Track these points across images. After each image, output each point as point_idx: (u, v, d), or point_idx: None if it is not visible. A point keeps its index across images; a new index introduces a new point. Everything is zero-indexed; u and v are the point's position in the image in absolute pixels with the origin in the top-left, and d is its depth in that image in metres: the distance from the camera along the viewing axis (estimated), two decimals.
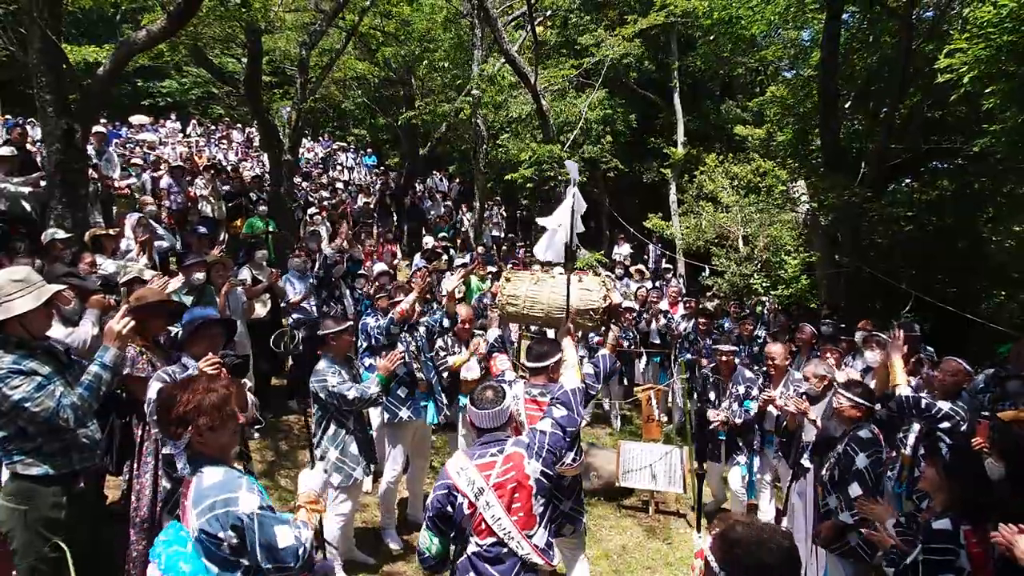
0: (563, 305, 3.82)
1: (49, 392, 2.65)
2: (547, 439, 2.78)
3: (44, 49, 5.61)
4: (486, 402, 2.79)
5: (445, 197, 17.36)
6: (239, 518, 1.97)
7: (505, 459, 2.70)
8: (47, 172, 6.05)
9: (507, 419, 2.83)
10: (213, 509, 1.97)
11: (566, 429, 2.84)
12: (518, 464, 2.69)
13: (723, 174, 15.10)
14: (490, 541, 2.65)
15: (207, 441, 2.11)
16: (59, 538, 2.77)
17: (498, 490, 2.66)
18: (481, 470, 2.68)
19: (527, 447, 2.74)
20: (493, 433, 2.79)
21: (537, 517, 2.70)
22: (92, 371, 2.78)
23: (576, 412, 2.92)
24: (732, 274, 13.51)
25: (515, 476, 2.66)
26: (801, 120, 12.26)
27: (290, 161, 10.40)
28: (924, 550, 2.73)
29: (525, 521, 2.66)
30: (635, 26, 14.60)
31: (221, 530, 1.95)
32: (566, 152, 13.43)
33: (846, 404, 3.81)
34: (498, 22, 12.80)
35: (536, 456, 2.72)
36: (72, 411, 2.68)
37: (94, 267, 5.14)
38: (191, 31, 8.88)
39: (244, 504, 2.00)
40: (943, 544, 2.69)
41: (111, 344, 2.84)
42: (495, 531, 2.63)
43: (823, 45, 10.49)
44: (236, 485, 2.04)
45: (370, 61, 13.67)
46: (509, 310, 4.06)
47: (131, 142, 14.62)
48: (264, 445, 5.99)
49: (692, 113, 18.68)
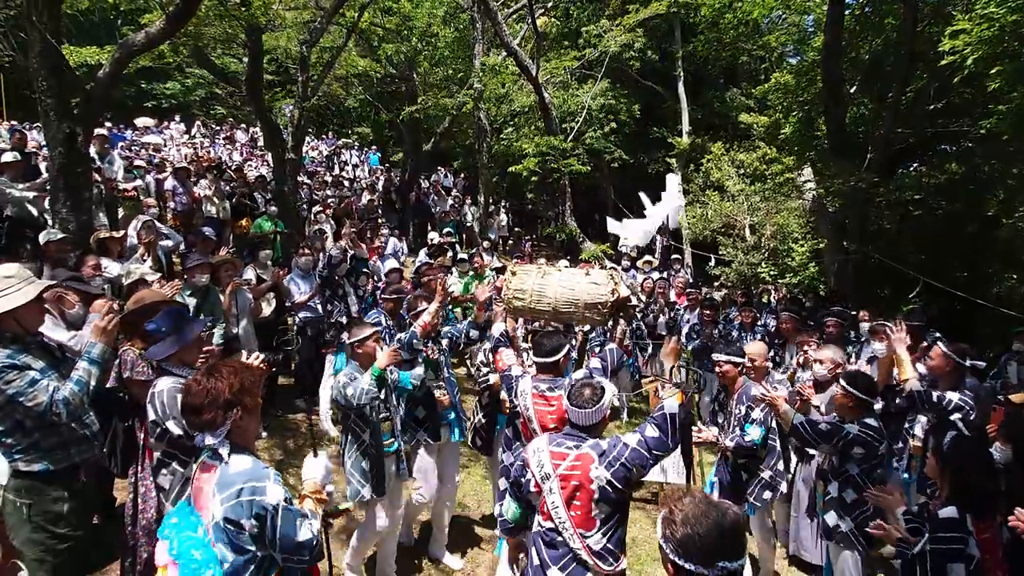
0: (570, 299, 3.74)
1: (43, 387, 2.70)
2: (627, 452, 2.68)
3: (44, 52, 5.63)
4: (584, 400, 2.77)
5: (449, 192, 17.35)
6: (264, 507, 2.01)
7: (577, 456, 2.71)
8: (50, 176, 6.08)
9: (600, 420, 2.80)
10: (240, 496, 2.00)
11: (653, 452, 2.70)
12: (586, 465, 2.67)
13: (729, 162, 15.01)
14: (549, 525, 2.72)
15: (244, 425, 2.15)
16: (62, 531, 2.83)
17: (562, 481, 2.69)
18: (552, 457, 2.73)
19: (601, 453, 2.70)
20: (581, 431, 2.78)
21: (597, 521, 2.67)
22: (82, 366, 2.84)
23: (670, 439, 2.74)
24: (739, 263, 13.45)
25: (580, 475, 2.66)
26: (806, 106, 12.14)
27: (294, 160, 10.42)
28: (932, 539, 2.71)
29: (582, 520, 2.66)
30: (637, 15, 14.53)
31: (245, 517, 1.98)
32: (569, 144, 13.40)
33: (840, 395, 3.75)
34: (498, 15, 12.75)
35: (607, 464, 2.65)
36: (64, 406, 2.73)
37: (98, 270, 5.18)
38: (191, 31, 8.90)
39: (271, 495, 2.03)
40: (950, 532, 2.67)
41: (98, 340, 2.89)
42: (552, 518, 2.69)
43: (826, 29, 10.37)
44: (265, 475, 2.08)
45: (372, 58, 13.64)
46: (515, 304, 3.93)
47: (136, 144, 14.70)
48: (272, 443, 6.03)
49: (696, 102, 18.57)
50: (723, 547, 1.61)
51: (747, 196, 14.06)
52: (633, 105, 17.63)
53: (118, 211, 8.48)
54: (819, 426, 3.65)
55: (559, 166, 13.32)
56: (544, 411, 3.46)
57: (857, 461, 3.62)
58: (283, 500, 2.05)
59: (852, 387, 3.67)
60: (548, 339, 3.61)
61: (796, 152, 12.82)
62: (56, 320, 3.64)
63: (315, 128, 21.87)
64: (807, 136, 12.18)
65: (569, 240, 14.39)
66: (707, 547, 1.60)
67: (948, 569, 2.62)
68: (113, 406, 3.25)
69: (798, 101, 12.26)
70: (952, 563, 2.63)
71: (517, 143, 15.05)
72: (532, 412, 3.49)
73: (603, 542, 2.66)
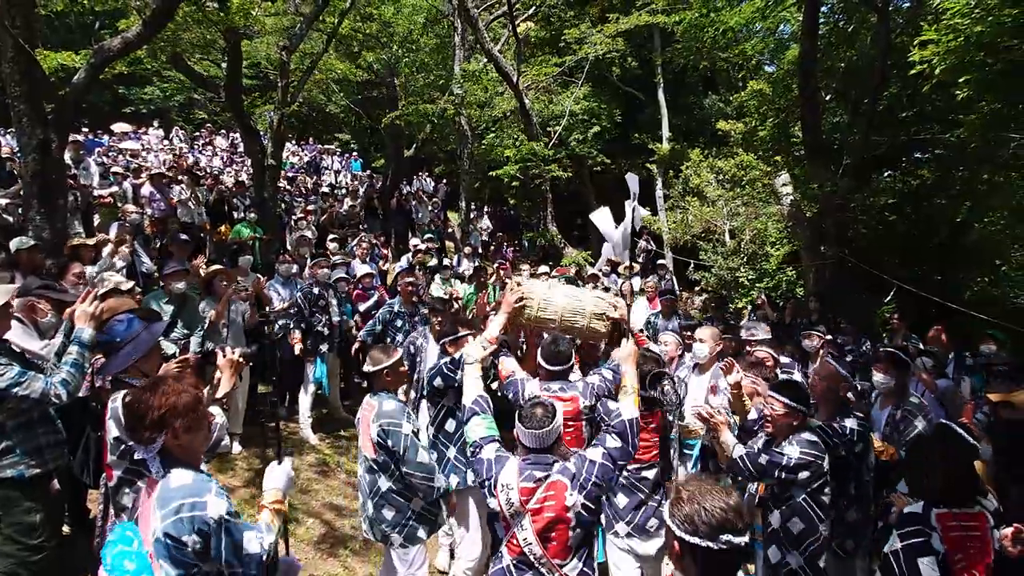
0: (577, 309, 3.65)
1: (33, 375, 2.69)
2: (596, 470, 2.58)
3: (17, 58, 5.56)
4: (535, 420, 2.65)
5: (431, 198, 17.34)
6: (206, 522, 1.95)
7: (547, 487, 2.57)
8: (24, 183, 6.00)
9: (556, 439, 2.68)
10: (179, 512, 1.95)
11: (617, 463, 2.66)
12: (559, 495, 2.54)
13: (708, 169, 15.19)
14: (518, 558, 2.59)
15: (183, 443, 2.10)
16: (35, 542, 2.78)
17: (534, 515, 2.55)
18: (522, 494, 2.58)
19: (572, 477, 2.57)
20: (541, 455, 2.65)
21: (573, 549, 2.57)
22: (74, 350, 2.86)
23: (631, 445, 2.71)
24: (719, 268, 13.60)
25: (554, 507, 2.53)
26: (782, 113, 12.33)
27: (274, 166, 10.35)
28: (899, 536, 2.75)
29: (558, 551, 2.55)
30: (617, 24, 14.68)
31: (186, 533, 1.94)
32: (550, 150, 13.48)
33: (771, 409, 3.37)
34: (479, 21, 12.80)
35: (580, 488, 2.55)
36: (63, 387, 2.76)
37: (82, 279, 5.07)
38: (169, 36, 8.81)
39: (212, 509, 1.98)
40: (913, 527, 2.72)
41: (85, 325, 2.88)
42: (524, 552, 2.56)
43: (802, 39, 10.55)
44: (205, 489, 2.02)
45: (352, 64, 13.61)
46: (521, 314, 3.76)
47: (113, 150, 14.49)
48: (250, 453, 5.98)
49: (676, 108, 18.75)
50: (728, 521, 1.64)
51: (727, 201, 14.23)
52: (614, 111, 17.78)
53: (94, 218, 8.37)
54: (759, 460, 3.29)
55: (540, 171, 13.39)
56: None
57: (802, 485, 3.25)
58: (225, 513, 2.00)
59: (780, 395, 3.33)
60: (555, 345, 3.54)
61: (772, 158, 13.01)
62: (28, 329, 3.59)
63: (296, 134, 21.73)
64: (783, 142, 12.37)
65: (550, 245, 14.44)
66: (712, 520, 1.64)
67: (919, 564, 2.64)
68: (85, 416, 3.21)
69: (774, 108, 12.44)
70: (921, 557, 2.65)
71: (498, 148, 15.10)
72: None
73: (579, 567, 2.59)
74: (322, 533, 5.02)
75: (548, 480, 2.58)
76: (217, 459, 5.50)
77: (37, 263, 5.16)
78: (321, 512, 5.31)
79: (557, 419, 2.67)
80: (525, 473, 2.62)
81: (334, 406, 7.23)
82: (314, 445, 6.48)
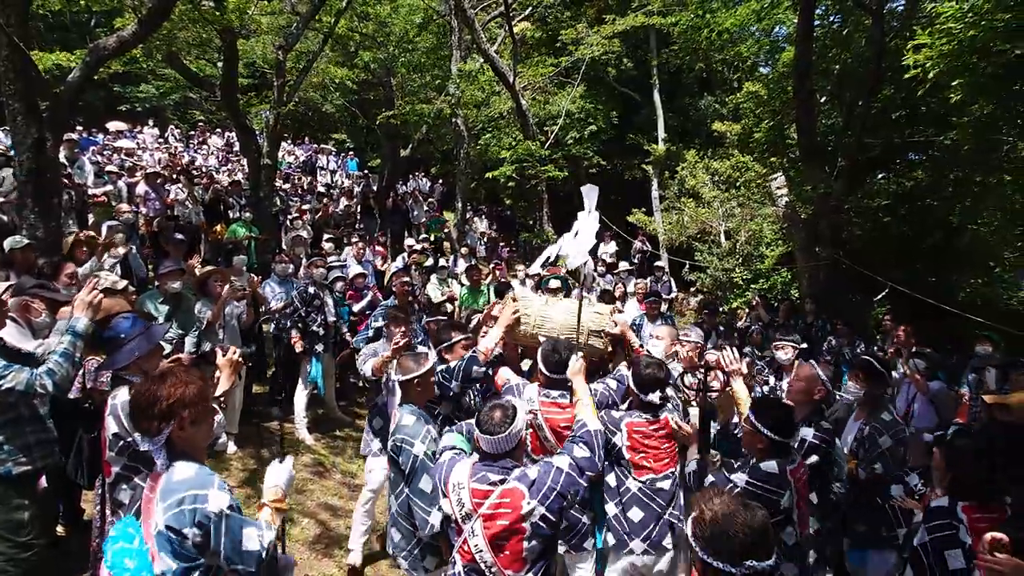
0: (574, 325, 3.62)
1: (18, 367, 2.69)
2: (561, 479, 2.47)
3: (12, 56, 5.54)
4: (494, 425, 2.51)
5: (427, 198, 17.33)
6: (207, 516, 1.96)
7: (504, 492, 2.44)
8: (18, 181, 5.98)
9: (516, 444, 2.56)
10: (181, 504, 1.96)
11: (585, 473, 2.55)
12: (515, 503, 2.41)
13: (703, 170, 15.24)
14: (470, 566, 2.49)
15: (188, 435, 2.11)
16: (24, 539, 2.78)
17: (486, 522, 2.43)
18: (474, 496, 2.47)
19: (531, 485, 2.43)
20: (501, 460, 2.53)
21: (528, 562, 2.43)
22: (66, 339, 2.84)
23: (598, 456, 2.63)
24: (714, 269, 13.65)
25: (508, 515, 2.41)
26: (777, 115, 12.38)
27: (270, 165, 10.34)
28: (928, 529, 2.77)
29: (510, 562, 2.42)
30: (614, 25, 14.71)
31: (187, 526, 1.94)
32: (546, 150, 13.50)
33: (747, 429, 3.08)
34: (476, 22, 12.80)
35: (540, 497, 2.42)
36: (48, 376, 2.73)
37: (74, 279, 5.05)
38: (164, 35, 8.78)
39: (213, 502, 1.98)
40: (941, 520, 2.73)
41: (82, 314, 2.88)
42: (476, 560, 2.45)
43: (797, 42, 10.60)
44: (208, 482, 2.03)
45: (348, 64, 13.59)
46: (518, 329, 3.74)
47: (108, 149, 14.44)
48: (246, 453, 5.97)
49: (672, 109, 18.79)
50: (752, 545, 1.63)
51: (722, 202, 14.29)
52: (610, 111, 17.81)
53: (88, 217, 8.34)
54: (705, 480, 3.05)
55: (536, 172, 13.40)
56: (556, 417, 3.36)
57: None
58: (227, 507, 1.99)
59: (761, 424, 2.96)
60: (554, 352, 3.44)
61: (767, 160, 13.06)
62: (22, 329, 3.58)
63: (292, 133, 21.69)
64: (778, 144, 12.42)
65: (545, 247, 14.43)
66: (736, 545, 1.63)
67: (946, 556, 2.65)
68: (78, 417, 3.21)
69: (769, 110, 12.49)
70: (948, 550, 2.66)
71: (494, 148, 15.11)
72: (542, 419, 3.35)
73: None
74: (317, 533, 5.02)
75: (504, 486, 2.46)
76: (213, 458, 5.50)
77: (31, 262, 5.15)
78: (316, 512, 5.31)
79: (517, 423, 2.53)
80: (479, 474, 2.51)
81: (329, 406, 7.23)
82: (309, 445, 6.47)
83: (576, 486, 2.52)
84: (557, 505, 2.45)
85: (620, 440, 3.35)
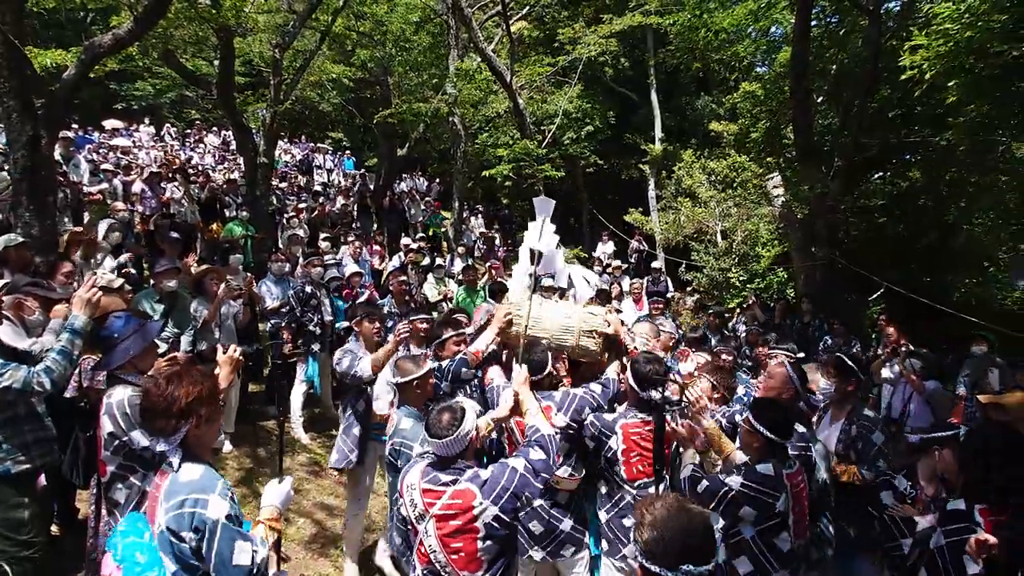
0: (567, 326, 3.61)
1: (15, 365, 2.68)
2: (515, 480, 2.46)
3: (7, 53, 5.51)
4: (442, 428, 2.49)
5: (424, 197, 17.30)
6: (204, 521, 1.94)
7: (455, 493, 2.44)
8: (13, 179, 5.95)
9: (467, 445, 2.55)
10: (182, 507, 1.95)
11: (540, 475, 2.54)
12: (467, 504, 2.41)
13: (700, 169, 15.27)
14: (428, 568, 2.50)
15: (201, 433, 2.12)
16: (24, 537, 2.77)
17: (439, 522, 2.43)
18: (425, 495, 2.48)
19: (483, 485, 2.43)
20: (454, 462, 2.53)
21: (484, 563, 2.43)
22: (64, 336, 2.84)
23: (552, 459, 2.60)
24: (711, 268, 13.67)
25: (460, 516, 2.41)
26: (774, 115, 12.40)
27: (266, 164, 10.32)
28: (945, 533, 2.75)
29: (465, 563, 2.42)
30: (611, 25, 14.71)
31: (185, 528, 1.93)
32: (543, 149, 13.49)
33: (745, 429, 3.01)
34: (473, 21, 12.79)
35: (493, 497, 2.41)
36: (46, 374, 2.73)
37: (71, 278, 5.03)
38: (161, 33, 8.75)
39: (213, 509, 1.97)
40: (958, 523, 2.71)
41: (80, 311, 2.88)
42: (432, 561, 2.46)
43: (794, 42, 10.61)
44: (211, 487, 2.01)
45: (346, 62, 13.56)
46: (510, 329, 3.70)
47: (104, 147, 14.39)
48: (242, 452, 5.96)
49: (669, 109, 18.81)
50: (688, 550, 1.63)
51: (719, 202, 14.31)
52: (607, 111, 17.82)
53: (84, 215, 8.32)
54: (700, 484, 2.95)
55: (534, 171, 13.39)
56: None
57: (751, 522, 2.88)
58: (224, 517, 1.97)
59: (758, 423, 2.90)
60: (531, 355, 3.40)
61: (764, 160, 13.08)
62: (16, 327, 3.56)
63: (288, 132, 21.63)
64: (775, 144, 12.44)
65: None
66: (672, 550, 1.63)
67: (964, 560, 2.64)
68: (73, 416, 3.20)
69: (766, 110, 12.51)
70: (967, 554, 2.64)
71: (491, 151, 15.09)
72: (513, 422, 3.30)
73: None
74: (313, 533, 5.01)
75: (456, 487, 2.46)
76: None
77: (26, 260, 5.11)
78: (312, 512, 5.31)
79: (465, 425, 2.52)
80: (430, 475, 2.52)
81: (325, 405, 7.22)
82: (305, 444, 6.47)
83: (530, 487, 2.50)
84: (511, 505, 2.44)
85: (615, 443, 3.26)
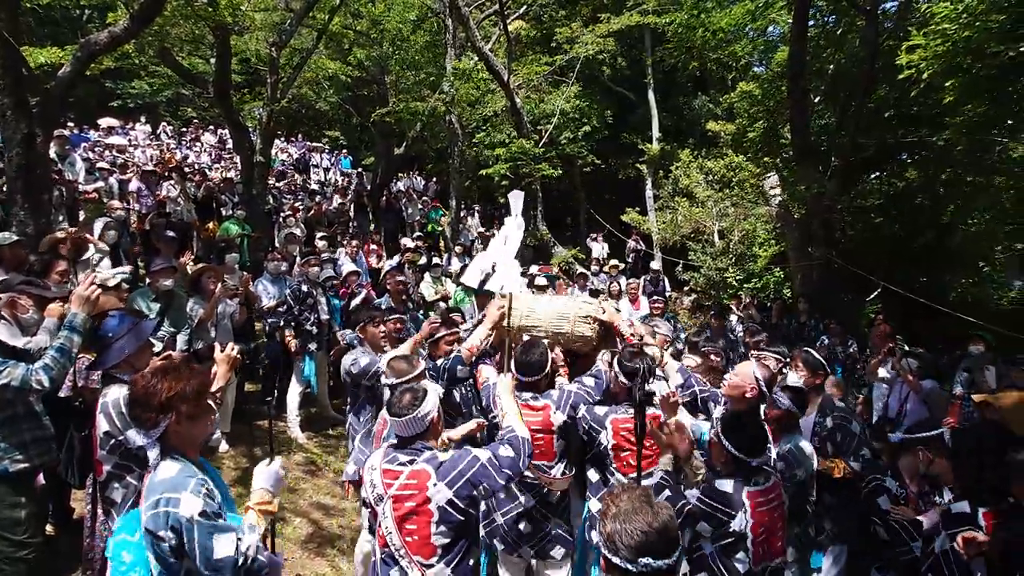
0: (562, 313, 3.61)
1: (13, 363, 2.67)
2: (475, 468, 2.43)
3: (1, 51, 5.48)
4: (402, 408, 2.51)
5: (421, 197, 17.29)
6: (179, 520, 1.93)
7: (411, 473, 2.44)
8: (8, 177, 5.92)
9: (427, 427, 2.55)
10: (157, 507, 1.94)
11: (503, 470, 2.47)
12: (422, 484, 2.40)
13: (697, 169, 15.27)
14: (386, 551, 2.48)
15: (183, 431, 2.10)
16: (20, 537, 2.75)
17: (395, 503, 2.43)
18: (384, 476, 2.48)
19: (438, 467, 2.42)
20: (413, 442, 2.53)
21: (438, 548, 2.40)
22: (63, 334, 2.82)
23: (522, 461, 2.54)
24: (708, 268, 13.68)
25: (415, 496, 2.40)
26: (771, 115, 12.40)
27: (263, 163, 10.28)
28: (950, 536, 2.74)
29: (419, 547, 2.40)
30: (609, 24, 14.71)
31: (162, 528, 1.92)
32: (540, 148, 13.49)
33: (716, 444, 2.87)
34: (470, 20, 12.77)
35: (448, 480, 2.39)
36: (45, 372, 2.72)
37: (65, 277, 4.99)
38: (157, 31, 8.72)
39: (185, 507, 1.94)
40: (963, 527, 2.71)
41: (79, 309, 2.87)
42: (388, 543, 2.46)
43: (791, 41, 10.61)
44: (182, 485, 1.98)
45: (343, 61, 13.53)
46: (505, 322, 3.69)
47: (100, 145, 14.35)
48: (238, 452, 5.94)
49: (666, 109, 18.82)
50: (648, 544, 1.64)
51: (716, 202, 14.32)
52: (604, 110, 17.82)
53: (79, 214, 8.28)
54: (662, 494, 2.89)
55: (531, 170, 13.39)
56: (532, 421, 3.27)
57: (709, 538, 2.75)
58: (197, 513, 1.94)
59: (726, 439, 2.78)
60: (529, 355, 3.38)
61: (761, 160, 13.09)
62: (11, 326, 3.54)
63: (285, 131, 21.58)
64: (772, 144, 12.45)
65: (540, 245, 14.45)
66: (633, 543, 1.64)
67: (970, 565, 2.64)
68: (68, 415, 3.18)
69: (763, 110, 12.51)
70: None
71: (488, 152, 15.09)
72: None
73: (447, 572, 2.40)
74: (309, 532, 5.00)
75: (412, 467, 2.46)
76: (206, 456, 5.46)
77: (20, 259, 5.08)
78: (309, 511, 5.29)
79: (426, 405, 2.52)
80: (390, 456, 2.53)
81: (322, 404, 7.20)
82: (302, 444, 6.45)
83: (490, 480, 2.45)
84: (465, 492, 2.41)
85: (606, 438, 3.26)
